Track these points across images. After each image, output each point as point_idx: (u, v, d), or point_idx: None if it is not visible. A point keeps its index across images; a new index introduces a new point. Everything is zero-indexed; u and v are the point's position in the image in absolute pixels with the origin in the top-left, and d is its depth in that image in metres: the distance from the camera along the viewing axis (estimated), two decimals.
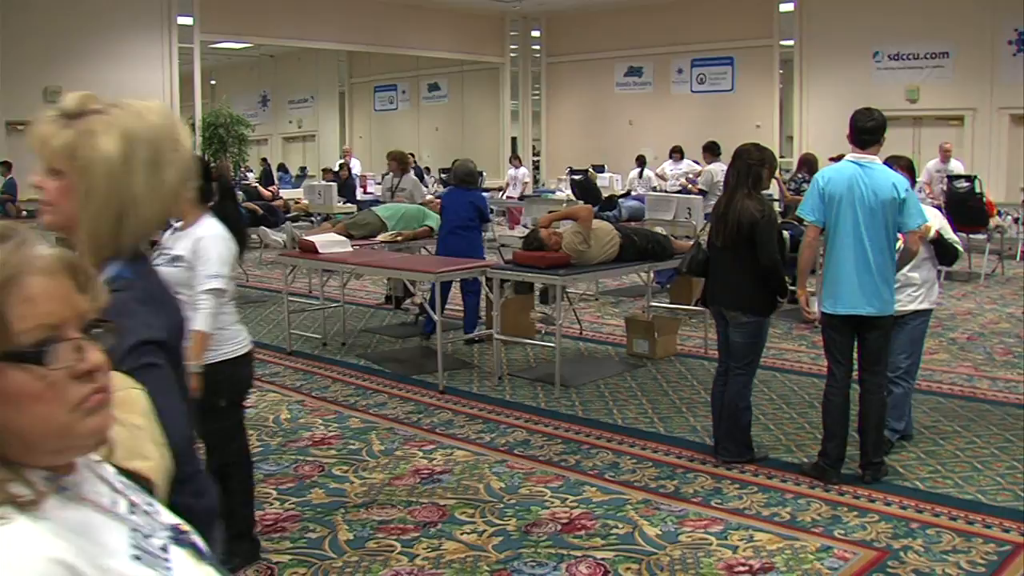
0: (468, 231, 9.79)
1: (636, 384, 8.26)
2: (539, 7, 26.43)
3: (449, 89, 29.75)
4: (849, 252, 5.79)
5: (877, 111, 6.02)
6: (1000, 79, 20.31)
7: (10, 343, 1.17)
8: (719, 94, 24.75)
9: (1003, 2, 20.11)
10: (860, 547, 4.94)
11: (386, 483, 5.87)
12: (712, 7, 24.07)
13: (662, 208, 11.61)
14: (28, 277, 1.20)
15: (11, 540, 1.11)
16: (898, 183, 5.82)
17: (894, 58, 21.84)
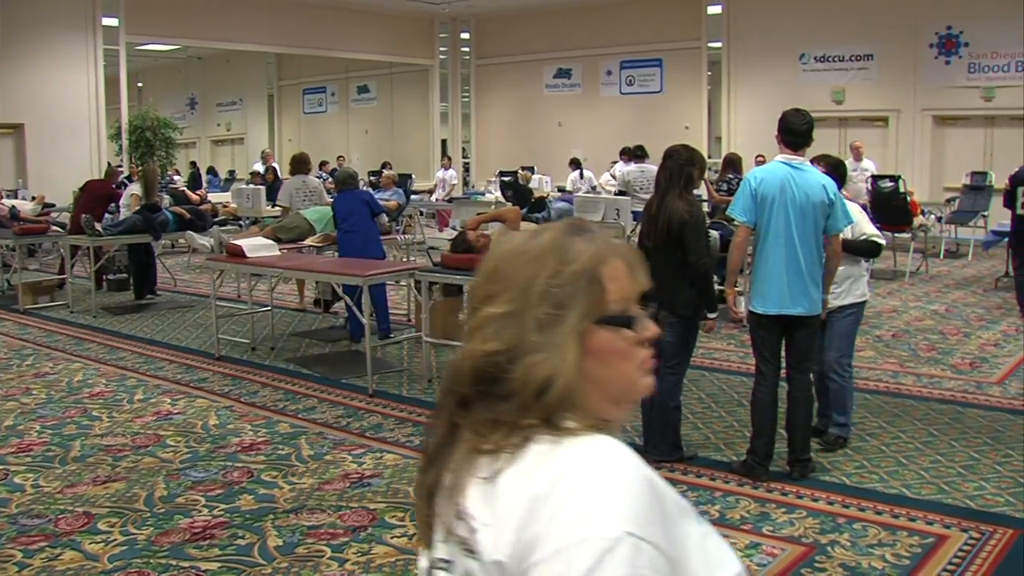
0: (363, 228, 9.87)
1: None
2: (468, 9, 26.44)
3: (378, 91, 29.65)
4: (780, 253, 5.86)
5: (807, 113, 6.10)
6: (923, 81, 20.67)
7: (604, 310, 1.45)
8: (648, 96, 24.91)
9: (925, 6, 20.48)
10: (788, 543, 5.01)
11: (316, 488, 5.85)
12: (641, 9, 24.22)
13: (590, 209, 11.66)
14: (614, 259, 1.50)
15: (620, 447, 1.38)
16: (828, 185, 5.95)
17: (820, 60, 22.12)
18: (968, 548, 4.95)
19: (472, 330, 1.49)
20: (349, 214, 9.83)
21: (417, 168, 25.24)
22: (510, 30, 27.07)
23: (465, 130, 29.07)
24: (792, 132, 5.98)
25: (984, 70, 20.23)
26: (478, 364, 1.45)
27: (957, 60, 20.51)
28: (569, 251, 1.48)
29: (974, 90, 20.16)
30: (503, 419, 1.43)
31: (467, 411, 1.47)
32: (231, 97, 31.50)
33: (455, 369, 1.50)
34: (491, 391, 1.44)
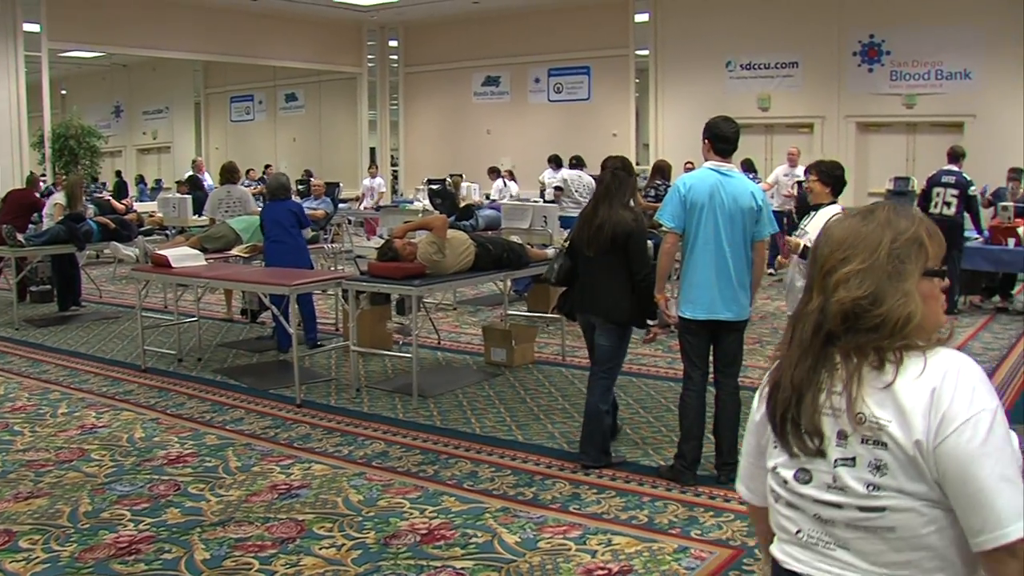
0: (291, 239, 9.83)
1: (494, 392, 8.31)
2: (396, 17, 26.38)
3: (306, 99, 29.49)
4: (709, 258, 5.92)
5: (735, 120, 6.18)
6: (847, 88, 20.96)
7: (927, 266, 2.04)
8: (576, 103, 24.99)
9: (849, 14, 20.79)
10: (716, 546, 5.05)
11: (243, 500, 5.79)
12: (568, 17, 24.30)
13: (518, 217, 11.66)
14: (927, 231, 2.08)
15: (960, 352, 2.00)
16: (756, 192, 6.07)
17: (746, 67, 22.34)
18: None
19: (836, 283, 2.03)
20: (277, 224, 9.77)
21: (346, 176, 25.07)
22: (438, 38, 27.05)
23: (393, 138, 28.99)
24: (721, 139, 6.05)
25: (906, 78, 20.57)
26: (847, 307, 2.01)
27: (879, 68, 20.83)
28: (899, 225, 2.06)
29: (896, 97, 20.49)
30: (874, 345, 1.98)
31: (833, 344, 2.02)
32: (157, 105, 31.18)
33: (824, 312, 2.04)
34: (857, 326, 2.00)
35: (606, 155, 6.84)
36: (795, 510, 2.09)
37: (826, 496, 2.02)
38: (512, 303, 11.93)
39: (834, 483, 2.00)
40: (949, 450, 1.87)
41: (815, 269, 2.11)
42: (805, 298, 2.11)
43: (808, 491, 2.05)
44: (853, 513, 1.97)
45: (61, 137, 21.17)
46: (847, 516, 1.98)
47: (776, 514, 2.16)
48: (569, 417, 7.49)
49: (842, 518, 1.99)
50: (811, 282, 2.11)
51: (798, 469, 2.06)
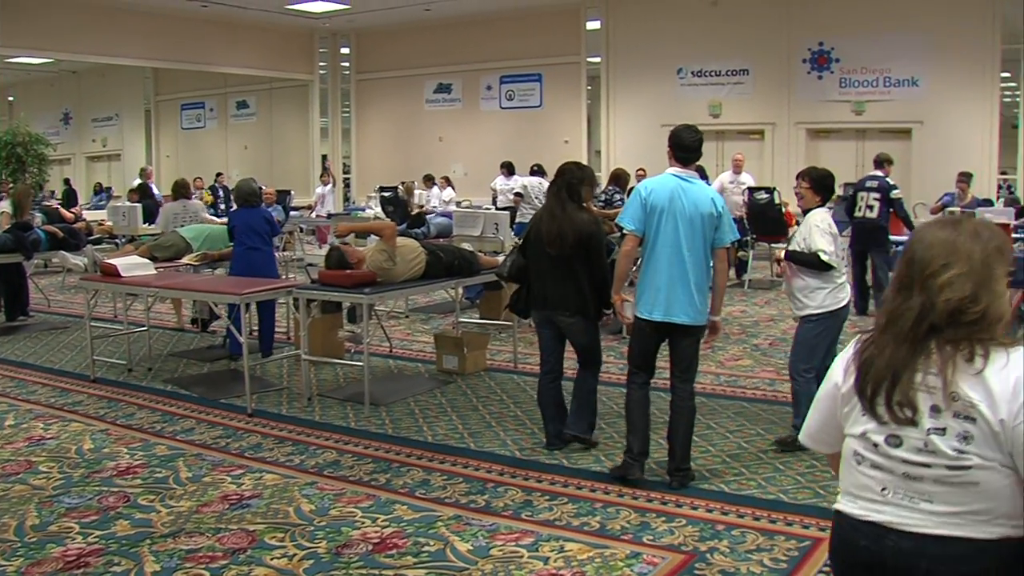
0: (264, 247, 9.80)
1: (446, 400, 8.30)
2: (348, 24, 26.34)
3: (258, 107, 29.38)
4: (667, 262, 6.03)
5: (698, 129, 6.30)
6: (796, 95, 21.17)
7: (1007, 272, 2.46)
8: (528, 110, 25.04)
9: (798, 23, 20.99)
10: (668, 551, 5.07)
11: (194, 511, 5.75)
12: (520, 24, 24.35)
13: (469, 224, 11.65)
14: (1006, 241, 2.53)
15: None
16: (716, 199, 6.20)
17: (697, 75, 22.49)
18: None
19: (941, 285, 2.42)
20: (252, 232, 9.66)
21: (297, 184, 25.03)
22: (390, 45, 27.02)
23: (345, 145, 28.94)
24: (681, 147, 6.19)
25: (855, 85, 20.80)
26: (953, 305, 2.41)
27: (829, 75, 21.05)
28: (985, 235, 2.49)
29: (845, 104, 20.72)
30: (970, 338, 2.40)
31: (934, 335, 2.43)
32: (107, 112, 30.98)
33: (929, 309, 2.43)
34: (959, 320, 2.41)
35: (559, 162, 7.03)
36: (881, 471, 2.51)
37: (916, 458, 2.45)
38: (464, 310, 11.92)
39: (925, 447, 2.43)
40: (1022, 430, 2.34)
41: (914, 271, 2.50)
42: (900, 296, 2.52)
43: (899, 453, 2.48)
44: (941, 471, 2.41)
45: (8, 145, 20.97)
46: (935, 474, 2.42)
47: (858, 475, 2.58)
48: (521, 424, 7.50)
49: (930, 475, 2.43)
50: (909, 283, 2.50)
51: (889, 435, 2.49)
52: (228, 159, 29.34)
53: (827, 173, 6.95)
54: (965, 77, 19.74)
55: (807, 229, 6.65)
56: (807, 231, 6.63)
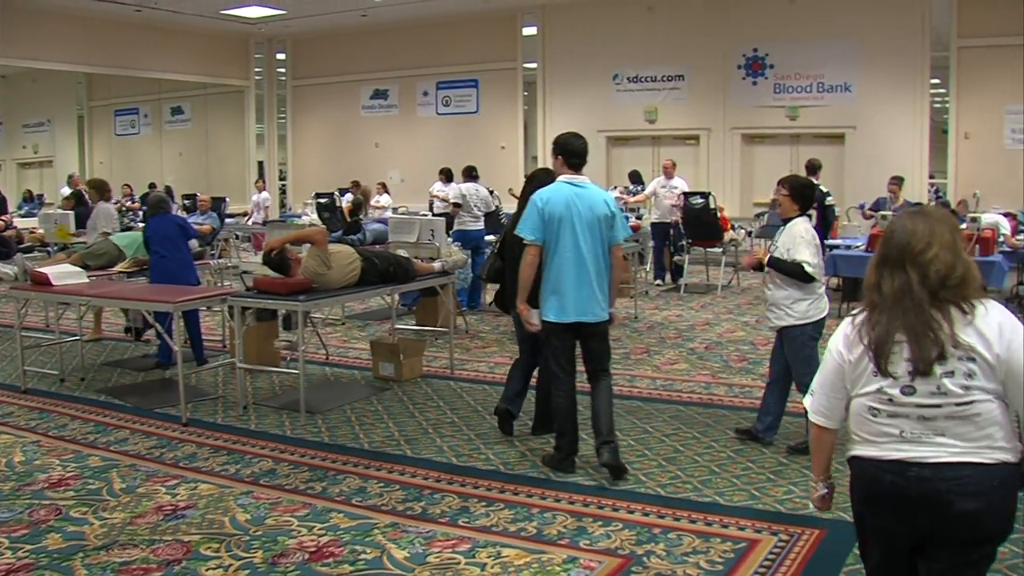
0: (178, 253, 9.73)
1: (383, 407, 8.27)
2: (284, 29, 26.18)
3: (193, 113, 29.11)
4: (571, 265, 6.31)
5: (582, 136, 6.63)
6: (732, 101, 21.34)
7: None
8: (464, 116, 25.03)
9: (733, 29, 21.18)
10: (605, 555, 5.09)
11: (128, 522, 5.68)
12: (456, 30, 24.34)
13: (405, 230, 11.63)
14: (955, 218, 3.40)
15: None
16: (609, 200, 6.57)
17: (633, 80, 22.59)
18: (778, 551, 5.13)
19: (929, 260, 3.10)
20: (163, 239, 9.63)
21: (233, 191, 24.83)
22: (326, 51, 26.92)
23: (282, 152, 28.79)
24: (572, 154, 6.51)
25: (789, 90, 21.00)
26: (942, 273, 3.10)
27: (763, 81, 21.24)
28: (944, 216, 3.25)
29: (780, 109, 20.91)
30: (957, 297, 3.09)
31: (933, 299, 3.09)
32: (38, 118, 30.52)
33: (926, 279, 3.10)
34: (947, 284, 3.09)
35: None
36: (898, 417, 3.13)
37: (929, 400, 3.07)
38: (400, 317, 11.91)
39: (938, 391, 3.06)
40: (1015, 358, 3.04)
41: (904, 253, 3.15)
42: (891, 275, 3.17)
43: (913, 400, 3.09)
44: (952, 408, 3.06)
45: None
46: (947, 411, 3.06)
47: (875, 425, 3.18)
48: (458, 431, 7.50)
49: (942, 414, 3.07)
50: (900, 262, 3.15)
51: (903, 386, 3.11)
52: (163, 166, 29.05)
53: (807, 182, 7.02)
54: (896, 83, 20.03)
55: (791, 239, 6.66)
56: (791, 241, 6.64)
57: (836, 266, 12.71)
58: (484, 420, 7.80)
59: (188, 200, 20.12)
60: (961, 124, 19.97)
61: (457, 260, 10.05)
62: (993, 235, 12.06)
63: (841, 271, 12.87)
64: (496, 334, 11.63)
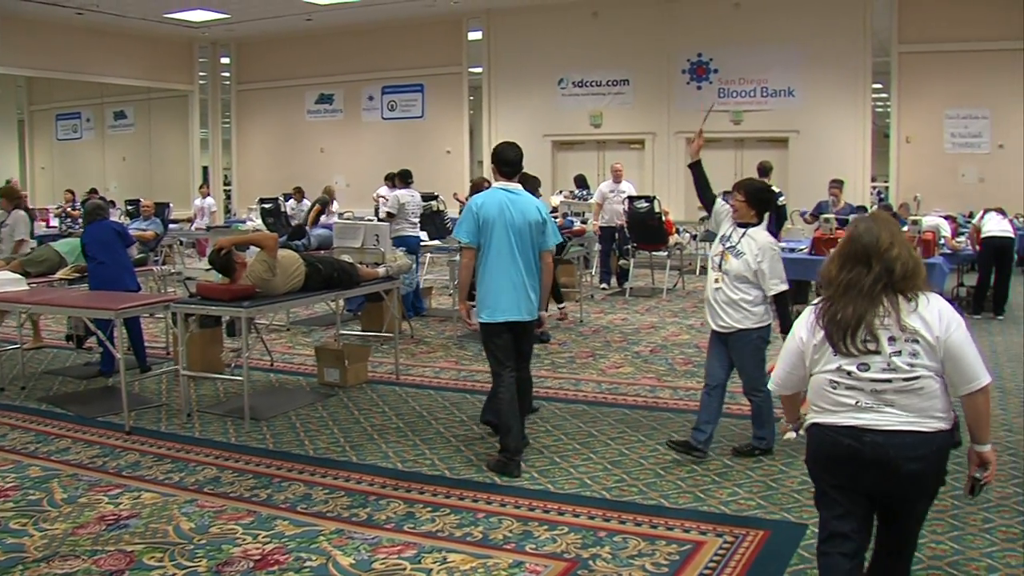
0: (116, 259, 9.63)
1: (328, 413, 8.23)
2: (228, 33, 26.07)
3: (136, 117, 28.89)
4: (503, 267, 6.67)
5: (518, 145, 6.99)
6: (676, 105, 21.50)
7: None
8: (410, 121, 25.04)
9: (677, 34, 21.36)
10: (551, 559, 5.09)
11: (69, 533, 5.60)
12: (402, 35, 24.34)
13: (350, 236, 11.58)
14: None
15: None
16: (540, 207, 6.89)
17: (578, 85, 22.71)
18: (723, 552, 5.17)
19: (894, 257, 3.68)
20: (100, 245, 9.53)
21: (177, 196, 24.63)
22: (271, 55, 26.82)
23: (226, 157, 28.63)
24: (505, 163, 6.88)
25: (733, 95, 21.20)
26: (907, 267, 3.68)
27: (708, 85, 21.43)
28: (893, 222, 3.86)
29: (724, 114, 21.04)
30: (907, 288, 3.67)
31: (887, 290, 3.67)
32: None
33: (889, 272, 3.67)
34: (905, 276, 3.66)
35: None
36: (855, 390, 3.71)
37: (881, 376, 3.66)
38: (345, 323, 11.87)
39: (888, 367, 3.65)
40: (952, 340, 3.64)
41: (870, 251, 3.71)
42: (854, 268, 3.73)
43: (867, 375, 3.68)
44: (900, 383, 3.65)
45: None
46: (896, 386, 3.65)
47: (835, 396, 3.75)
48: (403, 436, 7.48)
49: (891, 388, 3.66)
50: (865, 258, 3.72)
51: (859, 363, 3.69)
52: (106, 171, 28.80)
53: (763, 187, 7.00)
54: (839, 88, 20.28)
55: (760, 250, 6.58)
56: (760, 252, 6.57)
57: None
58: (429, 425, 7.79)
59: (131, 206, 19.94)
60: (903, 128, 20.27)
61: (402, 265, 10.02)
62: (934, 237, 12.21)
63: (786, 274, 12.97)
64: (441, 339, 11.63)
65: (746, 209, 6.69)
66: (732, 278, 6.65)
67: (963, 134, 19.91)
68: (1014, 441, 7.25)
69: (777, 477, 6.43)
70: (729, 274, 6.66)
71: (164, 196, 22.01)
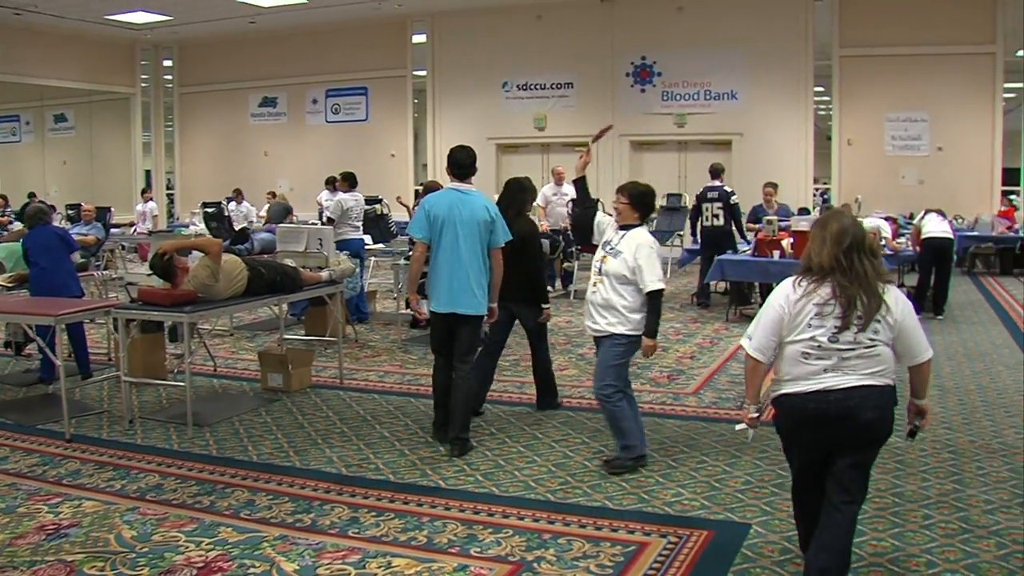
0: (59, 265, 9.51)
1: (271, 418, 8.19)
2: (170, 36, 25.88)
3: (77, 120, 28.56)
4: (449, 263, 7.13)
5: (471, 148, 7.44)
6: (620, 108, 21.58)
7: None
8: (354, 124, 24.97)
9: (621, 37, 21.46)
10: (495, 563, 5.09)
11: (7, 544, 5.51)
12: (346, 38, 24.28)
13: (293, 240, 11.51)
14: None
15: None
16: (490, 207, 7.28)
17: (523, 88, 22.78)
18: (667, 552, 5.19)
19: (870, 245, 4.39)
20: (44, 251, 9.42)
21: (119, 201, 24.39)
22: (214, 58, 26.66)
23: (169, 160, 28.41)
24: (457, 165, 7.33)
25: (676, 98, 21.35)
26: (875, 251, 4.44)
27: (651, 89, 21.56)
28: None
29: (668, 117, 21.23)
30: (883, 277, 4.41)
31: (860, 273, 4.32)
32: None
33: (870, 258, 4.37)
34: (876, 265, 4.40)
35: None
36: (823, 359, 4.38)
37: (848, 346, 4.35)
38: (289, 327, 11.81)
39: (854, 340, 4.34)
40: (905, 323, 4.40)
41: (857, 242, 4.39)
42: (846, 256, 4.35)
43: (836, 346, 4.36)
44: (861, 351, 4.35)
45: None
46: (858, 353, 4.36)
47: (806, 366, 4.41)
48: (347, 440, 7.45)
49: (854, 355, 4.36)
50: (859, 250, 4.37)
51: (830, 335, 4.36)
52: (46, 175, 28.47)
53: (646, 189, 6.83)
54: (781, 91, 20.48)
55: (638, 247, 6.49)
56: (636, 250, 6.47)
57: (723, 271, 12.95)
58: (374, 429, 7.77)
59: (72, 210, 19.73)
60: (844, 131, 20.51)
61: (345, 269, 9.98)
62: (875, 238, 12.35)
63: (729, 276, 13.14)
64: (386, 343, 11.60)
65: (629, 211, 6.66)
66: (612, 279, 6.52)
67: (903, 137, 20.18)
68: (953, 439, 7.35)
69: (721, 477, 6.48)
70: (609, 275, 6.55)
71: (106, 200, 21.78)
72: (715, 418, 8.09)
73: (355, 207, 13.08)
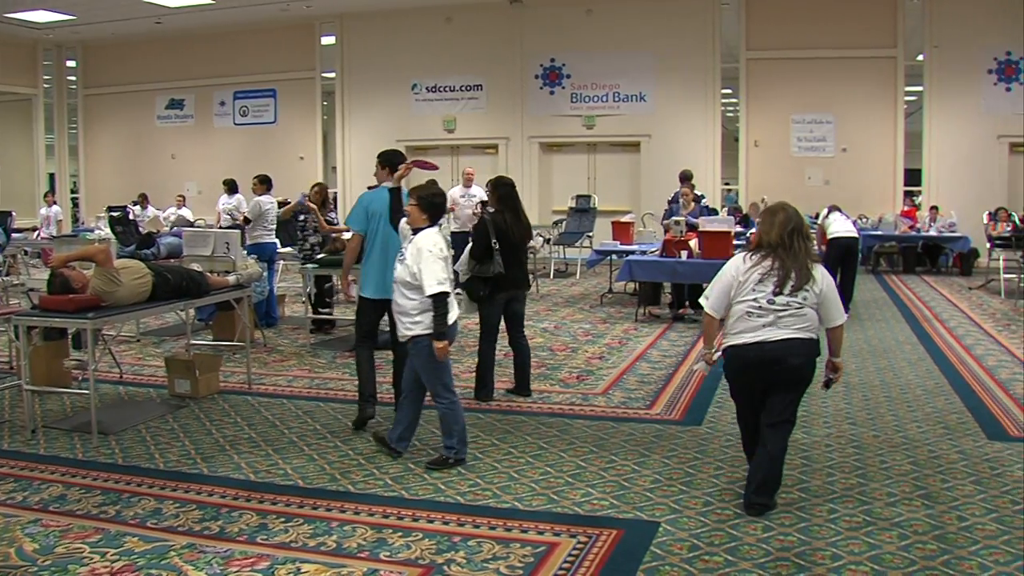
0: None
1: (178, 425, 8.08)
2: (74, 36, 25.48)
3: None
4: (381, 253, 7.84)
5: (400, 151, 8.40)
6: (529, 111, 21.72)
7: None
8: (262, 126, 24.80)
9: (530, 39, 21.58)
10: (405, 566, 5.08)
11: None
12: (254, 39, 24.11)
13: (200, 244, 11.38)
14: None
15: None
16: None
17: (432, 90, 22.79)
18: (577, 552, 5.23)
19: (804, 230, 5.80)
20: None
21: (22, 204, 23.95)
22: (120, 59, 26.29)
23: (73, 163, 27.95)
24: (394, 166, 8.01)
25: (585, 100, 21.50)
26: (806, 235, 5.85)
27: (560, 91, 21.69)
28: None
29: (577, 118, 21.36)
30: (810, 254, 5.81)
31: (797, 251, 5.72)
32: None
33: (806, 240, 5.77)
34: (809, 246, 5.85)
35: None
36: (763, 316, 5.62)
37: (782, 307, 5.59)
38: (197, 332, 11.69)
39: (788, 303, 5.59)
40: (827, 293, 5.71)
41: (796, 227, 5.70)
42: (791, 238, 5.65)
43: (774, 307, 5.60)
44: (793, 311, 5.61)
45: None
46: (790, 312, 5.61)
47: (750, 322, 5.66)
48: (255, 446, 7.39)
49: (787, 313, 5.60)
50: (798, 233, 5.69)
51: (769, 298, 5.60)
52: None
53: (436, 191, 6.98)
54: (689, 93, 20.73)
55: (417, 251, 6.64)
56: (416, 255, 6.62)
57: (632, 271, 13.05)
58: (282, 435, 7.71)
59: None
60: (751, 132, 20.82)
61: (252, 273, 9.89)
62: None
63: (636, 276, 13.23)
64: (295, 347, 11.53)
65: (418, 213, 6.81)
66: (399, 285, 6.76)
67: (809, 138, 20.54)
68: (857, 434, 7.50)
69: (630, 477, 6.53)
70: (397, 282, 6.79)
71: (7, 204, 21.40)
72: (624, 418, 8.16)
73: (271, 210, 12.99)
